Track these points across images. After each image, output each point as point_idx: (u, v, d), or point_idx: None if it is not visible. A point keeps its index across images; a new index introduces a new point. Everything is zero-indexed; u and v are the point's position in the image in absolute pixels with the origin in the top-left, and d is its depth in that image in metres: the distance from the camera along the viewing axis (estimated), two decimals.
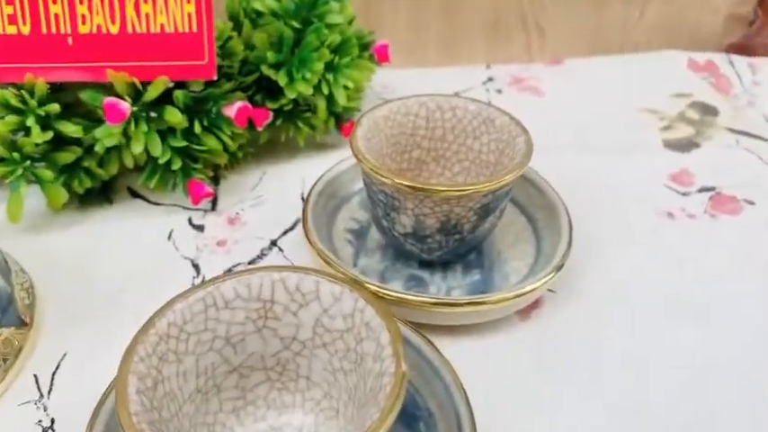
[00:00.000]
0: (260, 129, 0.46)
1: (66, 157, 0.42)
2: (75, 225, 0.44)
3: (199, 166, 0.44)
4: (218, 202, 0.46)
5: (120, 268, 0.41)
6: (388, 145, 0.40)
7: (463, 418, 0.28)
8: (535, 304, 0.38)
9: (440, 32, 0.69)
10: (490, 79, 0.63)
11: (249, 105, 0.44)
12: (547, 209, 0.42)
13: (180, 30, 0.41)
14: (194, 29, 0.41)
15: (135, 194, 0.47)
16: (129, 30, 0.41)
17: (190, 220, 0.45)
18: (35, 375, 0.34)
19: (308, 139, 0.51)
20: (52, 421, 0.32)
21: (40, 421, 0.32)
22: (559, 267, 0.37)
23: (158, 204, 0.46)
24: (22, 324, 0.36)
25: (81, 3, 0.40)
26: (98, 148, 0.42)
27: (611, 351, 0.36)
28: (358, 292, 0.27)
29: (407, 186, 0.34)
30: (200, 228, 0.44)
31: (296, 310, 0.28)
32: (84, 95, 0.41)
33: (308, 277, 0.28)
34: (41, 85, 0.40)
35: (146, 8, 0.41)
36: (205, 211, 0.46)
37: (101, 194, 0.46)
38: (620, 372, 0.35)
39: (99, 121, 0.42)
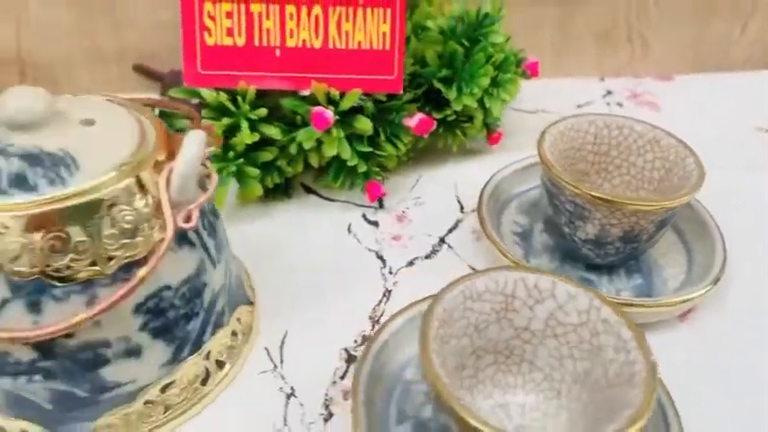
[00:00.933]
0: (425, 137, 0.51)
1: (266, 155, 0.47)
2: (262, 217, 0.49)
3: (377, 168, 0.49)
4: (384, 201, 0.51)
5: (310, 256, 0.46)
6: (561, 158, 0.44)
7: (667, 407, 0.33)
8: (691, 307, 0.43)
9: (554, 42, 0.73)
10: (609, 92, 0.67)
11: (427, 117, 0.48)
12: (693, 221, 0.46)
13: (375, 47, 0.46)
14: (387, 47, 0.46)
15: (309, 190, 0.52)
16: (331, 45, 0.46)
17: (364, 216, 0.50)
18: (266, 349, 0.40)
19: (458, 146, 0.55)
20: (292, 389, 0.37)
21: (281, 388, 0.37)
22: (717, 280, 0.41)
23: (331, 200, 0.51)
24: (249, 303, 0.41)
25: (290, 19, 0.45)
26: (292, 149, 0.47)
27: (756, 353, 0.40)
28: (592, 292, 0.32)
29: (601, 199, 0.38)
30: (374, 223, 0.49)
31: (532, 305, 0.33)
32: (286, 102, 0.46)
33: (544, 277, 0.32)
34: (251, 92, 0.45)
35: (346, 26, 0.45)
36: (375, 208, 0.51)
37: (282, 190, 0.51)
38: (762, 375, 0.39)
39: (293, 125, 0.47)
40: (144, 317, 0.32)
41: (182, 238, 0.33)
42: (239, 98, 0.45)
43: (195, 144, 0.32)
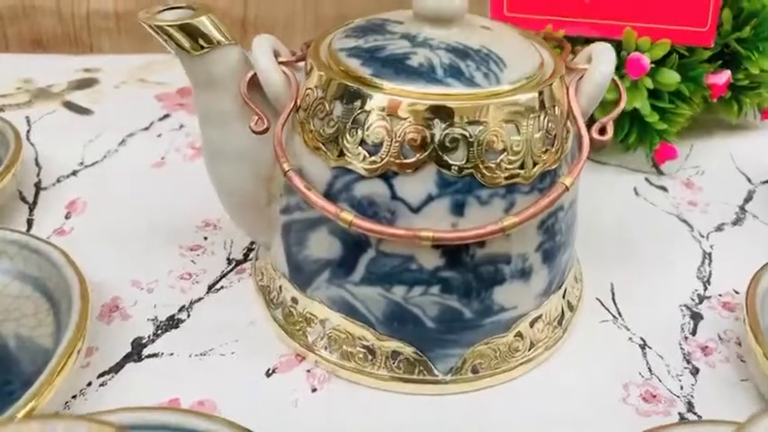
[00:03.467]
0: (713, 101, 0.47)
1: None
2: None
3: (671, 128, 0.46)
4: (662, 167, 0.48)
5: (605, 211, 0.43)
6: None
7: None
8: None
9: None
10: None
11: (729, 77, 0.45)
12: None
13: None
14: None
15: None
16: None
17: (648, 180, 0.47)
18: (598, 299, 0.37)
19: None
20: (643, 340, 0.34)
21: (630, 339, 0.34)
22: None
23: (603, 163, 0.49)
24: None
25: None
26: None
27: None
28: None
29: None
30: (662, 188, 0.46)
31: None
32: None
33: None
34: (558, 37, 0.43)
35: None
36: (654, 174, 0.48)
37: None
38: None
39: None
40: (543, 236, 0.30)
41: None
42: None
43: (610, 56, 0.30)
